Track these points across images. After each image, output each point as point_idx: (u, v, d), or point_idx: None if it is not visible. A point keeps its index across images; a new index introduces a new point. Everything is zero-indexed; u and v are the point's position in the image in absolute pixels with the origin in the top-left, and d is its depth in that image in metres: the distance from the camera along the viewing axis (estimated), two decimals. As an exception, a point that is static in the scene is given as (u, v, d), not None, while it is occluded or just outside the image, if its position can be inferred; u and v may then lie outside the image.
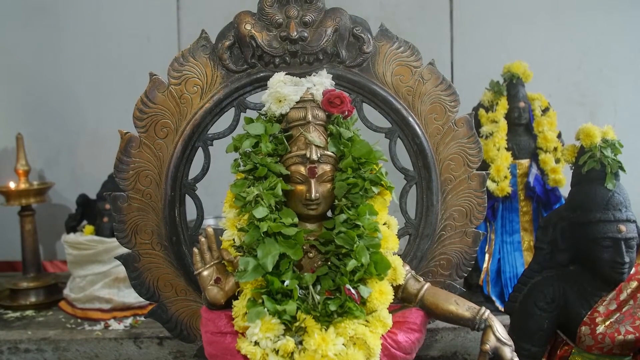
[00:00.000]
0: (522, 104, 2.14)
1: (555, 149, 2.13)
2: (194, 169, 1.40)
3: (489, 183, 2.06)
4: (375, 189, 1.20)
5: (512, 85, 2.16)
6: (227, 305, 1.17)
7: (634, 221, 1.35)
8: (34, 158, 2.52)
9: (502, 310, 1.94)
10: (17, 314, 2.21)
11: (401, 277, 1.21)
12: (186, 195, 1.40)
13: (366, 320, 1.12)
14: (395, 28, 1.40)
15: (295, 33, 1.29)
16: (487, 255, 2.16)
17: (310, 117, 1.19)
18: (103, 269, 2.14)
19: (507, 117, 2.14)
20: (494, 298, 2.09)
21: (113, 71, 2.69)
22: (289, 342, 1.07)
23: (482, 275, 2.14)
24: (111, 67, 2.69)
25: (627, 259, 1.31)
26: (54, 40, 2.72)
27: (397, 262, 1.21)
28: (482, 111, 2.17)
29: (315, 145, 1.17)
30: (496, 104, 2.16)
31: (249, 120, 1.23)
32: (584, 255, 1.39)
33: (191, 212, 1.40)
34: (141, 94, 1.34)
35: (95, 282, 2.15)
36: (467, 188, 1.40)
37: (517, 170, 2.16)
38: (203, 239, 1.20)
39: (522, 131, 2.18)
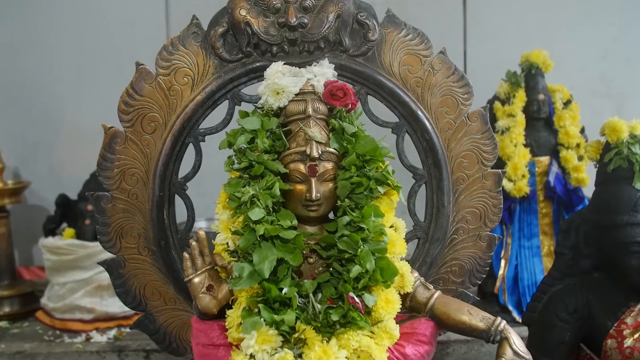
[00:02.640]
0: (541, 97, 2.15)
1: (578, 145, 2.14)
2: (184, 167, 1.41)
3: (505, 182, 2.06)
4: (381, 189, 1.20)
5: (530, 76, 2.17)
6: (220, 315, 1.18)
7: (664, 224, 1.36)
8: (8, 155, 2.53)
9: (520, 321, 1.95)
10: (-10, 325, 2.22)
11: (409, 285, 1.21)
12: (176, 195, 1.41)
13: (371, 332, 1.13)
14: (404, 14, 1.41)
15: (295, 19, 1.30)
16: (503, 261, 2.17)
17: (310, 110, 1.20)
18: (84, 275, 2.15)
19: (525, 110, 2.15)
20: (510, 308, 2.10)
21: (95, 60, 2.70)
22: (287, 355, 1.07)
23: (498, 283, 2.15)
24: (93, 56, 2.70)
25: (657, 266, 1.32)
26: (30, 27, 2.72)
27: (404, 268, 1.21)
28: (497, 104, 2.18)
29: (316, 141, 1.18)
30: (513, 97, 2.16)
31: (244, 114, 1.23)
32: (609, 261, 1.39)
33: (181, 214, 1.41)
34: (126, 86, 1.34)
35: (75, 290, 2.16)
36: (481, 188, 1.41)
37: (536, 169, 2.16)
38: (194, 243, 1.21)
39: (542, 126, 2.19)
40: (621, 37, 2.68)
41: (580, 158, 2.13)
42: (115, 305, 2.12)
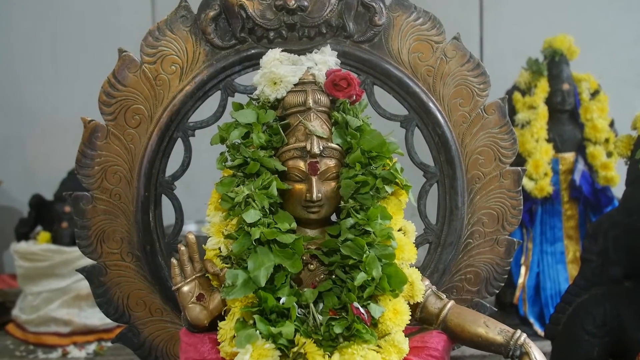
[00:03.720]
0: (566, 86, 2.15)
1: (607, 140, 2.14)
2: (172, 165, 1.41)
3: (525, 181, 2.07)
4: (388, 189, 1.21)
5: (554, 64, 2.18)
6: (212, 327, 1.19)
7: (701, 228, 1.36)
8: (-23, 151, 2.54)
9: (542, 334, 1.96)
10: (-43, 339, 2.23)
11: (419, 294, 1.22)
12: (163, 195, 1.41)
13: (378, 346, 1.13)
14: (414, -5, 1.42)
15: (293, 2, 1.30)
16: (523, 268, 2.18)
17: (311, 102, 1.20)
18: (61, 284, 2.16)
19: (548, 102, 2.16)
20: (531, 320, 2.10)
21: (74, 47, 2.70)
22: (285, 371, 1.08)
23: (518, 293, 2.15)
24: (72, 43, 2.71)
25: (693, 274, 1.32)
26: (2, 10, 2.73)
27: (414, 275, 1.22)
28: (517, 95, 2.18)
29: (317, 136, 1.18)
30: (534, 87, 2.17)
31: (238, 106, 1.24)
32: (641, 268, 1.40)
33: (168, 216, 1.42)
34: (108, 75, 1.35)
35: (51, 300, 2.17)
36: (499, 187, 1.41)
37: (560, 166, 2.17)
38: (183, 248, 1.21)
39: (566, 119, 2.20)
40: (654, 21, 2.68)
41: (609, 154, 2.13)
42: (95, 317, 2.13)
